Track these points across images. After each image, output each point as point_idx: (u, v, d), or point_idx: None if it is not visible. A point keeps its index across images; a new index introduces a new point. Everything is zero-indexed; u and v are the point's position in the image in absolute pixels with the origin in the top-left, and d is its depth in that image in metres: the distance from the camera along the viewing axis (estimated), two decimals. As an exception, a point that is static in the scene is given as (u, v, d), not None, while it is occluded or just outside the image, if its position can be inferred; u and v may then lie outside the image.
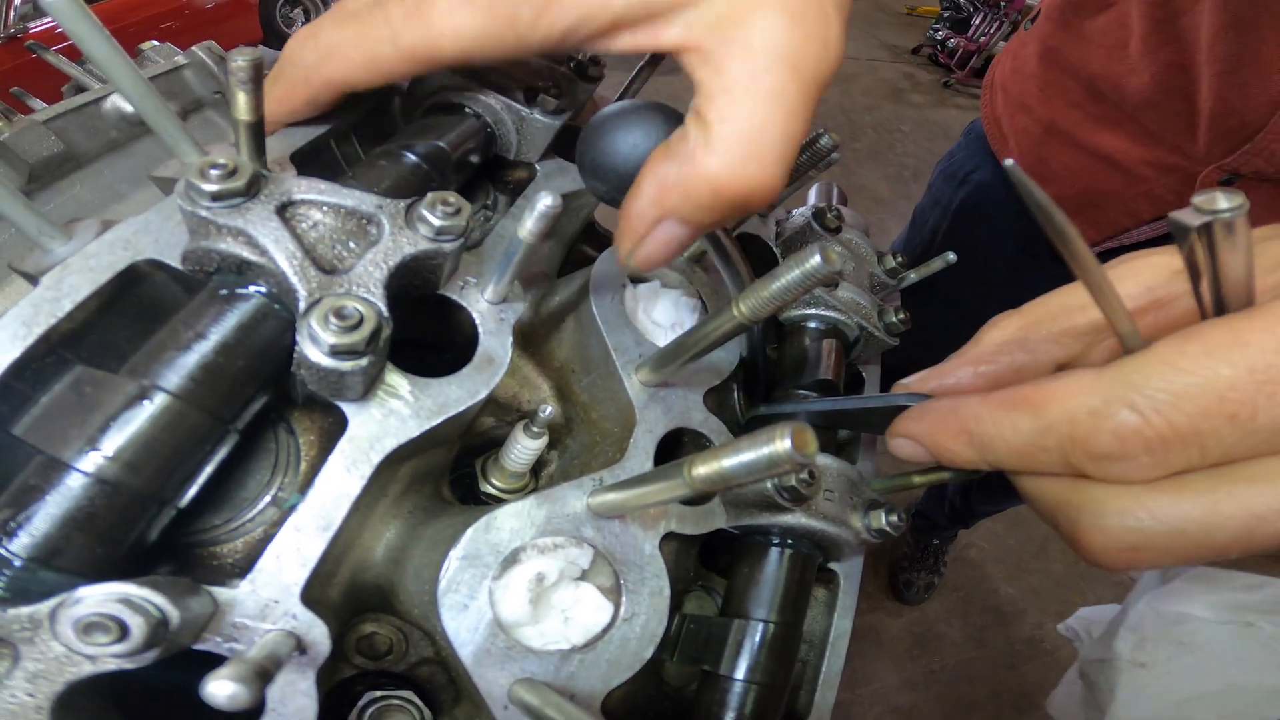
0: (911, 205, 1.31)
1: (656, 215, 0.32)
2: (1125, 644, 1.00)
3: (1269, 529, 0.23)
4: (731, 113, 0.29)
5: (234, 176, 0.25)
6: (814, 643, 0.43)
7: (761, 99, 0.29)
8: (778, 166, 0.30)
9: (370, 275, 0.27)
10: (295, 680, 0.25)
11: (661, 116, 0.33)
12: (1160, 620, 0.98)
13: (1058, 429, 0.26)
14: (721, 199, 0.30)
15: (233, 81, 0.26)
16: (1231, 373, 0.22)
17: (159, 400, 0.24)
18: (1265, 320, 0.23)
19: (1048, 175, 0.96)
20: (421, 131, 0.35)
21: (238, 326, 0.25)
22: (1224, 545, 0.24)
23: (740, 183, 0.30)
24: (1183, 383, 0.23)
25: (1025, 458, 0.27)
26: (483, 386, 0.31)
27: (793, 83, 0.30)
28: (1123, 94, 0.86)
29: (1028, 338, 0.32)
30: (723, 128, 0.29)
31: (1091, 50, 0.89)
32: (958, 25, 5.76)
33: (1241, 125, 0.75)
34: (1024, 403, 0.27)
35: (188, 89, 0.42)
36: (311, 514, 0.27)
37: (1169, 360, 0.23)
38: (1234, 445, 0.23)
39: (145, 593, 0.21)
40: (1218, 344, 0.23)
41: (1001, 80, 1.06)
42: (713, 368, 0.41)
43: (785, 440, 0.20)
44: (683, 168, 0.30)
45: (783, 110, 0.30)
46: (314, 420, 0.31)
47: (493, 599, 0.30)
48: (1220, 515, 0.24)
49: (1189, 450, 0.23)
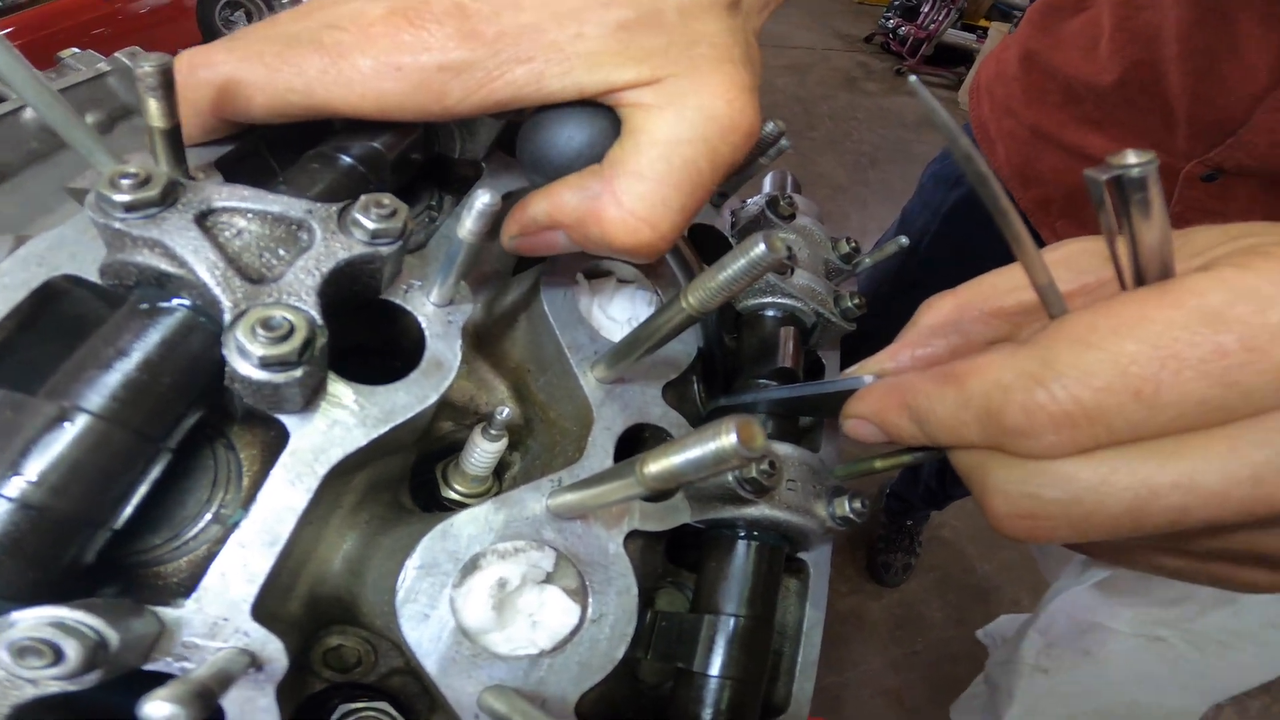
0: (870, 192, 1.32)
1: (547, 225, 0.34)
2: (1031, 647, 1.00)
3: (1159, 504, 0.23)
4: (646, 172, 0.31)
5: (147, 185, 0.24)
6: (788, 633, 0.43)
7: (677, 167, 0.31)
8: (669, 234, 0.33)
9: (302, 283, 0.26)
10: (254, 697, 0.25)
11: (599, 114, 0.33)
12: (1070, 627, 0.97)
13: (976, 403, 0.26)
14: (608, 245, 0.33)
15: (141, 89, 0.25)
16: (1136, 349, 0.22)
17: (81, 421, 0.23)
18: (1174, 296, 0.23)
19: (1035, 177, 0.97)
20: (356, 132, 0.34)
21: (161, 342, 0.24)
22: (1116, 517, 0.24)
23: (630, 239, 0.32)
24: (1089, 359, 0.23)
25: (952, 431, 0.28)
26: (432, 391, 0.30)
27: (707, 160, 0.32)
28: (1098, 94, 0.86)
29: (960, 319, 0.33)
30: (631, 183, 0.31)
31: (1067, 52, 0.90)
32: (908, 13, 5.84)
33: (1223, 119, 0.75)
34: (951, 378, 0.28)
35: (112, 96, 0.41)
36: (256, 529, 0.26)
37: (1079, 336, 0.24)
38: (1140, 422, 0.23)
39: (79, 615, 0.20)
40: (1125, 320, 0.23)
41: (986, 84, 1.08)
42: (670, 361, 0.41)
43: (731, 435, 0.20)
44: (584, 202, 0.32)
45: (691, 183, 0.32)
46: (254, 434, 0.30)
47: (454, 607, 0.29)
48: (1113, 486, 0.24)
49: (1095, 427, 0.23)
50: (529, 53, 0.30)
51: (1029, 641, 1.00)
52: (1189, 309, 0.22)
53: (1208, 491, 0.23)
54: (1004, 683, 1.04)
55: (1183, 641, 0.89)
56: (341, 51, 0.29)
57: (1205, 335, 0.22)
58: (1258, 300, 0.22)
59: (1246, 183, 0.77)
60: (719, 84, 0.32)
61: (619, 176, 0.31)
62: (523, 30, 0.30)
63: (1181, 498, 0.23)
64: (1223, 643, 0.86)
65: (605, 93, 0.31)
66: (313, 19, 0.31)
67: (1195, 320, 0.22)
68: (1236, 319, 0.22)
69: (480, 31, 0.30)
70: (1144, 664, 0.91)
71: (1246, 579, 0.28)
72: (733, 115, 0.32)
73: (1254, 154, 0.74)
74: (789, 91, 4.78)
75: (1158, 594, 0.90)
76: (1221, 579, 0.29)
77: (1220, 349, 0.22)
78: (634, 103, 0.31)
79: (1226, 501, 0.22)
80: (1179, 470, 0.23)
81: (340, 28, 0.30)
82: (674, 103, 0.31)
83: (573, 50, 0.30)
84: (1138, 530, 0.24)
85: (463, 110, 0.31)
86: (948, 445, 0.29)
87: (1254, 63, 0.70)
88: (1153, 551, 0.30)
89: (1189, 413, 0.22)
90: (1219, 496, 0.22)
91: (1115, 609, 0.92)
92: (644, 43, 0.31)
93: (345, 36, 0.30)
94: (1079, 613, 0.95)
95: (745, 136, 0.32)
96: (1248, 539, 0.25)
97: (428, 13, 0.30)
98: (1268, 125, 0.71)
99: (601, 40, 0.31)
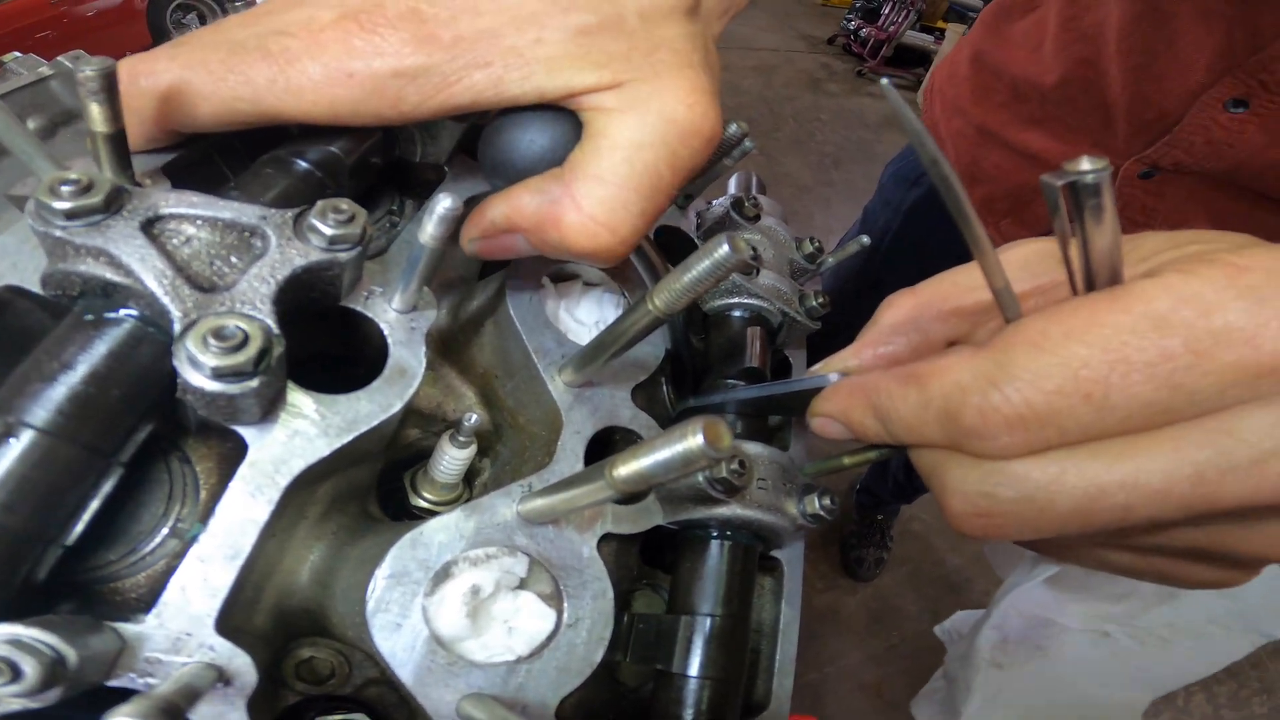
0: (834, 191, 1.34)
1: (506, 228, 0.33)
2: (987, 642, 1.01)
3: (1106, 501, 0.24)
4: (606, 176, 0.31)
5: (90, 192, 0.23)
6: (765, 631, 0.43)
7: (638, 171, 0.31)
8: (629, 239, 0.32)
9: (256, 291, 0.25)
10: (224, 712, 0.24)
11: (561, 117, 0.33)
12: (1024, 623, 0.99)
13: (935, 404, 0.27)
14: (567, 249, 0.32)
15: (83, 93, 0.24)
16: (1086, 353, 0.23)
17: (26, 437, 0.22)
18: (1124, 301, 0.23)
19: (980, 176, 0.99)
20: (313, 136, 0.33)
21: (108, 354, 0.23)
22: (1065, 515, 0.25)
23: (588, 244, 0.31)
24: (1042, 363, 0.24)
25: (914, 431, 0.28)
26: (396, 399, 0.30)
27: (668, 164, 0.31)
28: (1041, 93, 0.88)
29: (920, 317, 0.33)
30: (591, 186, 0.31)
31: (1014, 52, 0.92)
32: (869, 15, 5.94)
33: (1160, 117, 0.76)
34: (913, 378, 0.28)
35: (55, 100, 0.39)
36: (216, 543, 0.25)
37: (1032, 341, 0.24)
38: (1090, 424, 0.24)
39: (35, 632, 0.20)
40: (1076, 325, 0.24)
41: (939, 86, 1.10)
42: (639, 363, 0.41)
43: (698, 436, 0.20)
44: (543, 207, 0.32)
45: (651, 186, 0.31)
46: (210, 447, 0.29)
47: (427, 616, 0.29)
48: (1063, 486, 0.24)
49: (1047, 429, 0.24)
50: (487, 58, 0.30)
51: (985, 638, 1.02)
52: (1136, 314, 0.23)
53: (1151, 490, 0.23)
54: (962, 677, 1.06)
55: (1127, 637, 0.91)
56: (290, 59, 0.29)
57: (1152, 340, 0.22)
58: (1201, 305, 0.22)
59: (1183, 180, 0.78)
60: (680, 88, 0.32)
61: (579, 180, 0.31)
62: (480, 35, 0.30)
63: (1127, 496, 0.24)
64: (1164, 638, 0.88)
65: (566, 96, 0.31)
66: (260, 24, 0.30)
67: (1142, 325, 0.23)
68: (1181, 323, 0.22)
69: (437, 36, 0.29)
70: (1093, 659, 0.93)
71: (1188, 574, 0.29)
72: (694, 119, 0.32)
73: (1190, 152, 0.75)
74: (755, 93, 4.82)
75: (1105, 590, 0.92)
76: (1165, 574, 0.30)
77: (1166, 353, 0.22)
78: (595, 106, 0.31)
79: (1169, 499, 0.23)
80: (1125, 470, 0.24)
81: (289, 34, 0.29)
82: (635, 107, 0.31)
83: (532, 55, 0.30)
84: (1086, 527, 0.25)
85: (420, 115, 0.31)
86: (910, 444, 0.30)
87: (1191, 60, 0.71)
88: (1099, 548, 0.30)
89: (1136, 414, 0.23)
90: (1161, 495, 0.23)
91: (1065, 605, 0.94)
92: (605, 47, 0.31)
93: (294, 43, 0.29)
94: (1032, 609, 0.96)
95: (706, 141, 0.32)
96: (1188, 535, 0.26)
97: (381, 17, 0.29)
98: (1202, 123, 0.72)
99: (562, 45, 0.30)
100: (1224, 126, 0.71)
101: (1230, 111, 0.70)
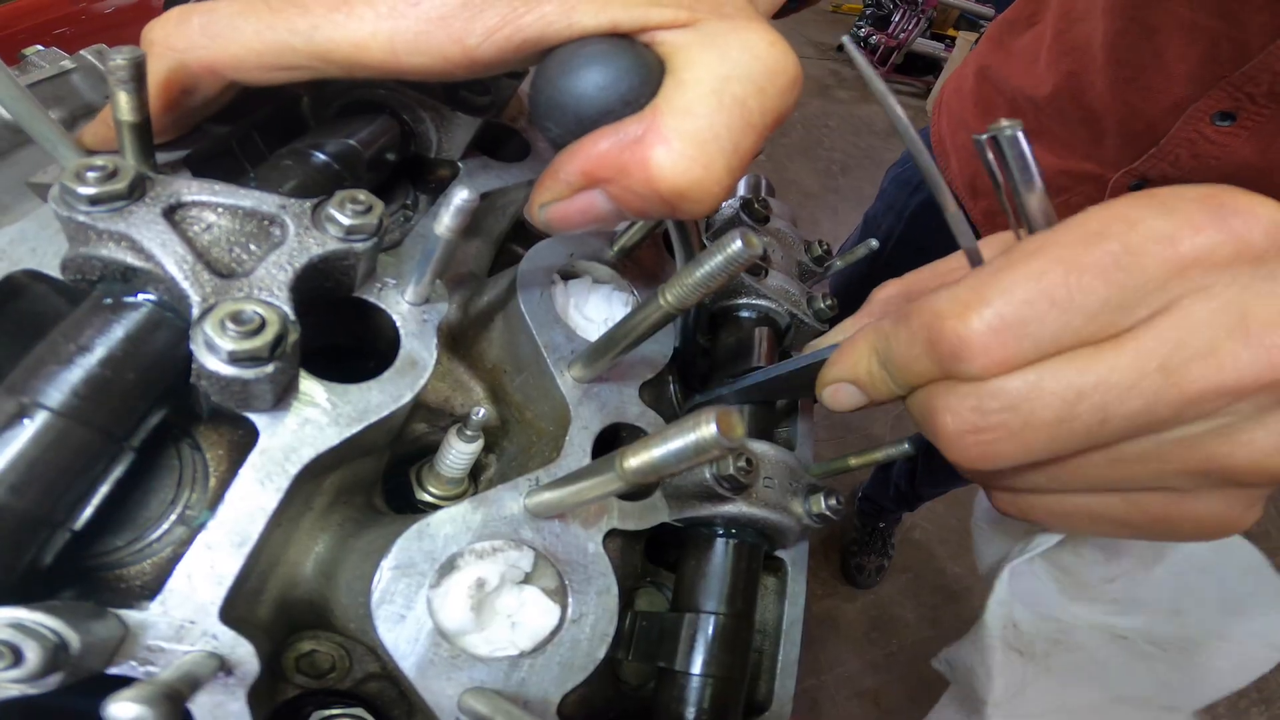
0: (840, 199, 1.34)
1: (584, 184, 0.30)
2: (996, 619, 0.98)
3: (1084, 404, 0.26)
4: (694, 108, 0.28)
5: (114, 178, 0.24)
6: (768, 632, 0.43)
7: (726, 104, 0.28)
8: (723, 176, 0.29)
9: (274, 278, 0.25)
10: (225, 702, 0.24)
11: (642, 62, 0.29)
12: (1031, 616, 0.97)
13: (920, 334, 0.29)
14: (656, 191, 0.29)
15: (112, 81, 0.24)
16: (1044, 264, 0.26)
17: (40, 419, 0.22)
18: (1063, 227, 0.27)
19: (982, 189, 1.00)
20: (332, 130, 0.33)
21: (125, 337, 0.23)
22: (1051, 424, 0.27)
23: (680, 181, 0.28)
24: (1008, 278, 0.26)
25: (907, 367, 0.30)
26: (406, 391, 0.30)
27: (756, 100, 0.29)
28: (1036, 105, 0.88)
29: (909, 291, 0.37)
30: (679, 120, 0.28)
31: (1014, 66, 0.93)
32: (879, 22, 5.95)
33: (1148, 129, 0.76)
34: (902, 316, 0.30)
35: (76, 94, 0.40)
36: (224, 531, 0.25)
37: (999, 266, 0.27)
38: (1060, 331, 0.26)
39: (39, 617, 0.20)
40: (1033, 247, 0.27)
41: (946, 100, 1.10)
42: (647, 360, 0.41)
43: (710, 425, 0.20)
44: (626, 147, 0.28)
45: (742, 121, 0.29)
46: (221, 434, 0.29)
47: (431, 608, 0.29)
48: (1043, 392, 0.26)
49: (1022, 341, 0.26)
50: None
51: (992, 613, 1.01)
52: (1077, 232, 0.26)
53: (1123, 386, 0.25)
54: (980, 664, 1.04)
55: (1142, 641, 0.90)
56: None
57: (1095, 245, 0.26)
58: (1126, 219, 0.26)
59: None
60: (756, 29, 0.30)
61: (663, 114, 0.28)
62: None
63: (1102, 396, 0.26)
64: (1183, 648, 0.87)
65: (640, 30, 0.29)
66: None
67: (1085, 238, 0.26)
68: (1115, 234, 0.26)
69: None
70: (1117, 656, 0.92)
71: (1187, 512, 0.30)
72: (777, 56, 0.29)
73: (1177, 164, 0.75)
74: (762, 99, 4.82)
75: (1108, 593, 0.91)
76: (1161, 517, 0.30)
77: (1108, 254, 0.25)
78: (671, 42, 0.29)
79: (1141, 392, 0.25)
80: (1098, 372, 0.26)
81: None
82: (715, 44, 0.29)
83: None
84: (1070, 435, 0.27)
85: (483, 54, 0.28)
86: (908, 383, 0.31)
87: (1176, 73, 0.71)
88: (1089, 494, 0.31)
89: (1098, 315, 0.25)
90: (1134, 389, 0.25)
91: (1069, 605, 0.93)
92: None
93: None
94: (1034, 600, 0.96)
95: (791, 81, 0.30)
96: (1175, 452, 0.27)
97: None
98: (1188, 136, 0.73)
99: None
100: (1211, 139, 0.72)
101: (1218, 124, 0.70)
